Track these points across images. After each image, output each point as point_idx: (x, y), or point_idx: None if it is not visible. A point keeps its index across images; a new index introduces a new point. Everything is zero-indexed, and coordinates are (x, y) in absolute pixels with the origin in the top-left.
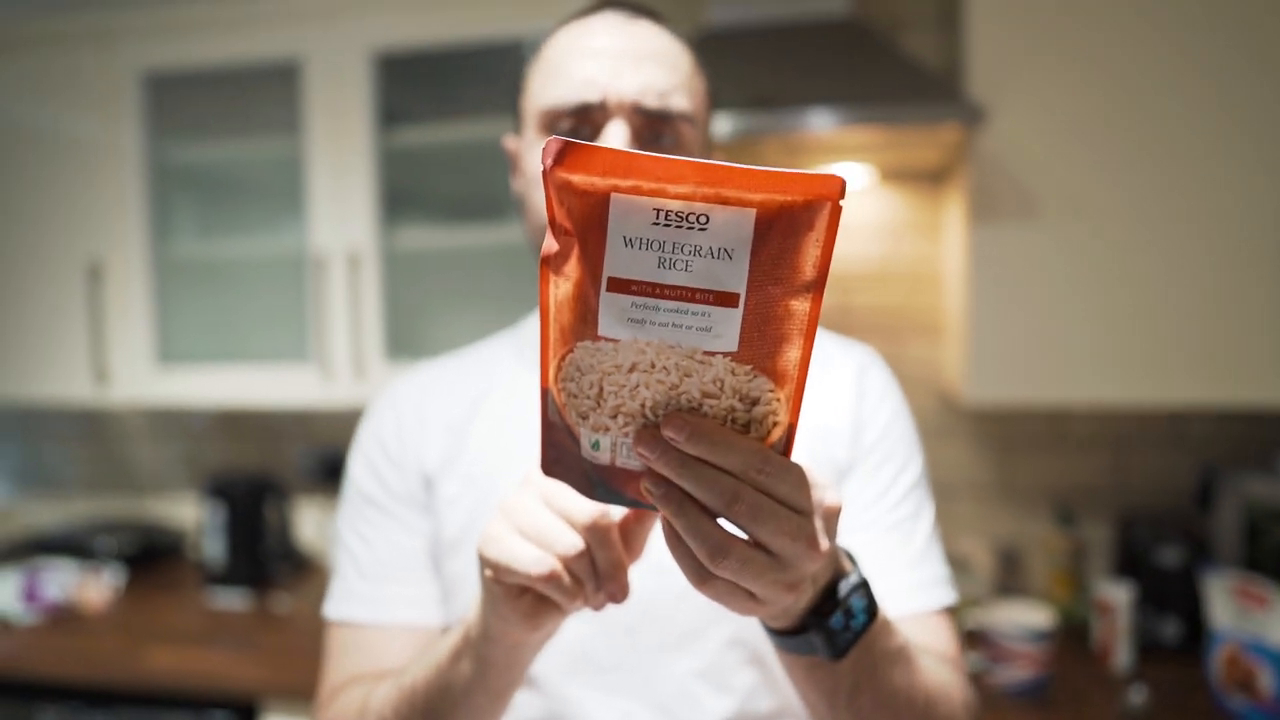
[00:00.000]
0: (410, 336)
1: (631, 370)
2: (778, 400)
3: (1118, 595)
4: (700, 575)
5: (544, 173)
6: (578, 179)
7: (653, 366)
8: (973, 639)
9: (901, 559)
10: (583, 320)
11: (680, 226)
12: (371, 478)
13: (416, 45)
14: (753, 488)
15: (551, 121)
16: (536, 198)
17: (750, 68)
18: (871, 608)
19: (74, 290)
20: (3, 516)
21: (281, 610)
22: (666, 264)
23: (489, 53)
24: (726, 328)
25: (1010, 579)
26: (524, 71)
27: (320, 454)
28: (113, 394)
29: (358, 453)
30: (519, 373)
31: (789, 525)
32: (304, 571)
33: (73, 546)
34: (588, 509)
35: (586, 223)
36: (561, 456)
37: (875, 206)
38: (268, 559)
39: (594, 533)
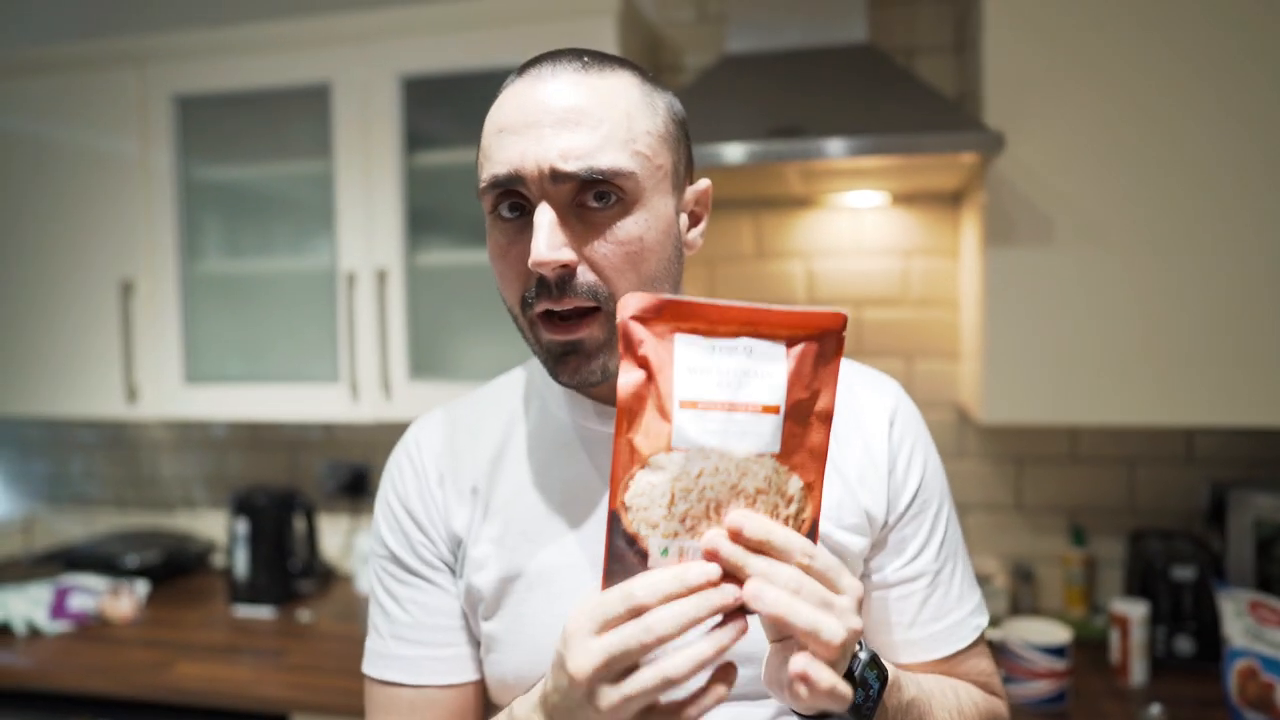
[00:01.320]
0: (432, 357)
1: (699, 475)
2: (808, 496)
3: (1133, 611)
4: (774, 684)
5: (621, 322)
6: (652, 326)
7: (716, 470)
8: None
9: (947, 601)
10: (656, 438)
11: (731, 355)
12: (399, 541)
13: (442, 71)
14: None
15: (492, 202)
16: (497, 274)
17: (770, 93)
18: (882, 675)
19: (106, 308)
20: (32, 530)
21: (307, 624)
22: (723, 386)
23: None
24: (771, 433)
25: (1025, 595)
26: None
27: (344, 468)
28: (143, 411)
29: (384, 512)
30: (533, 422)
31: (834, 605)
32: (329, 585)
33: (100, 560)
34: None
35: (659, 359)
36: (623, 571)
37: (890, 227)
38: (293, 573)
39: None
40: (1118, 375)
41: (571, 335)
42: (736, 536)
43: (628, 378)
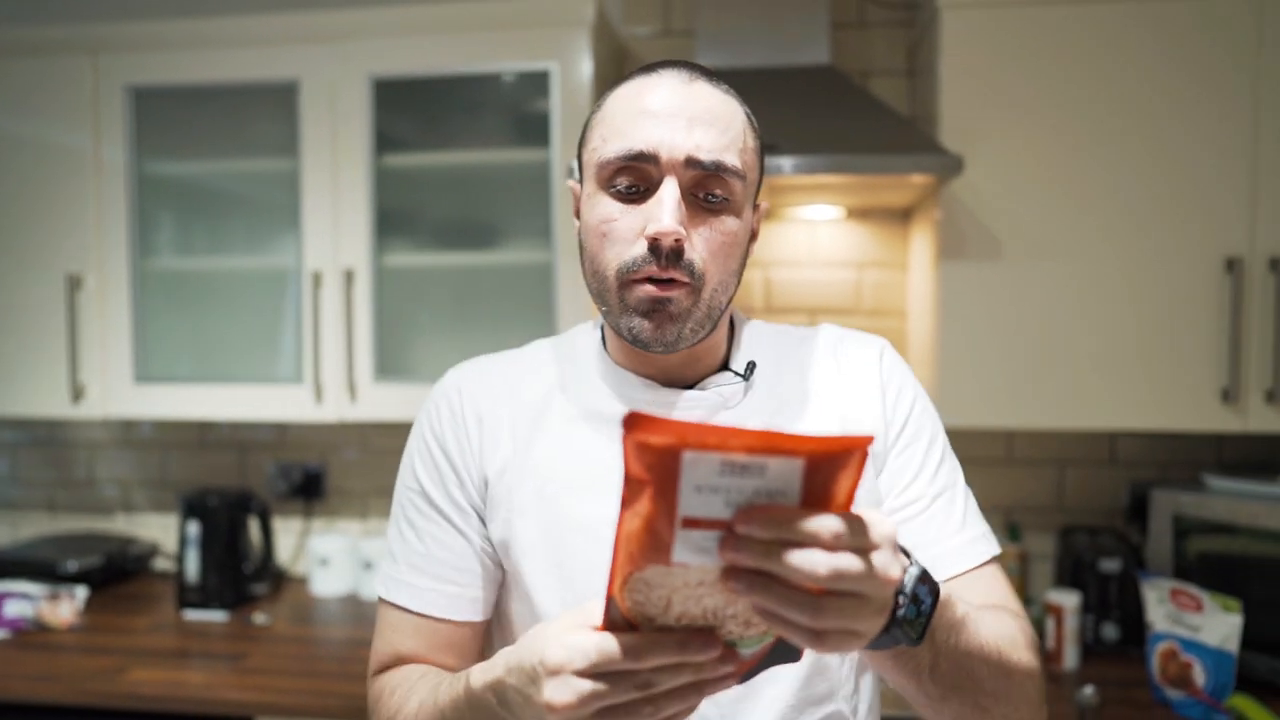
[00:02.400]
0: (398, 358)
1: (699, 585)
2: None
3: (1067, 601)
4: (811, 637)
5: (623, 436)
6: (654, 440)
7: (715, 584)
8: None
9: (949, 525)
10: (655, 549)
11: (742, 475)
12: (432, 478)
13: (414, 74)
14: (828, 549)
15: (610, 175)
16: (593, 244)
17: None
18: (934, 590)
19: (51, 303)
20: None
21: (263, 627)
22: (732, 504)
23: (481, 85)
24: None
25: None
26: (587, 121)
27: (296, 469)
28: (89, 411)
29: (419, 448)
30: (575, 391)
31: (868, 568)
32: (282, 588)
33: (34, 565)
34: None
35: (662, 474)
36: None
37: (845, 240)
38: (246, 576)
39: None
40: (1051, 382)
41: (666, 293)
42: (746, 536)
43: (632, 485)
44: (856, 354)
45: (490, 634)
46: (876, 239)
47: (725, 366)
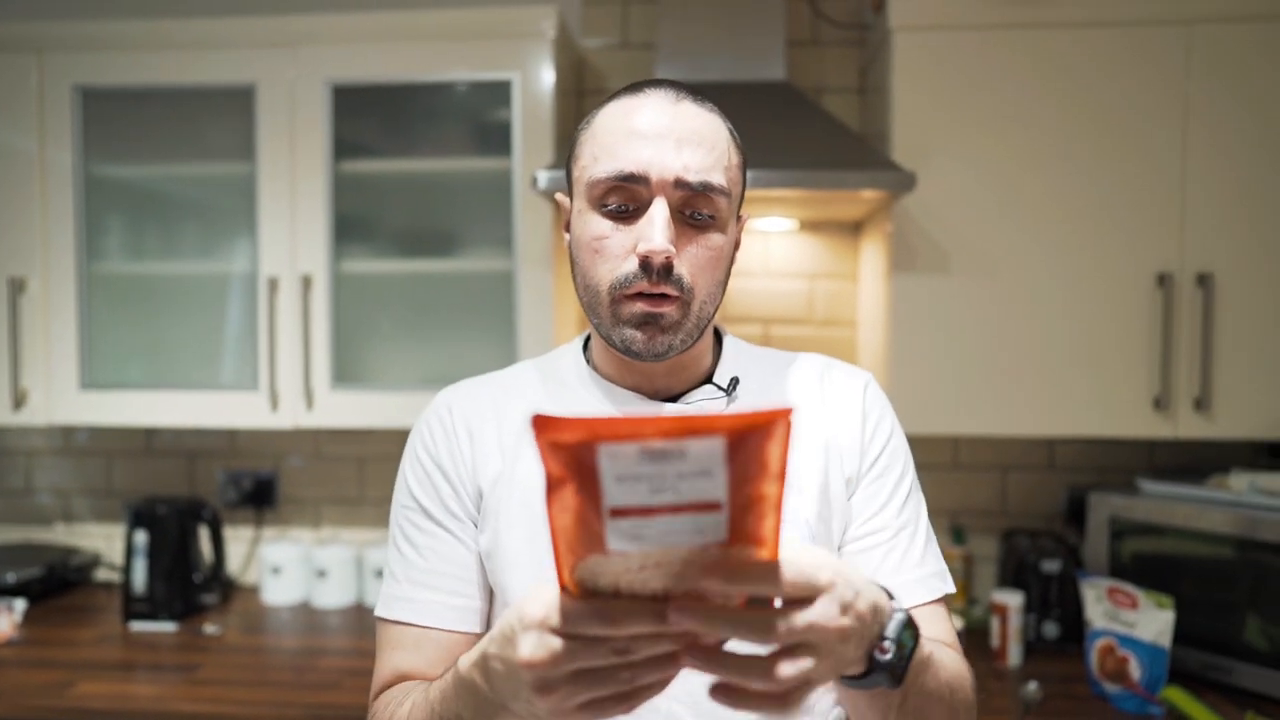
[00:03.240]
0: (355, 365)
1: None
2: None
3: (1012, 600)
4: (777, 701)
5: (534, 438)
6: (566, 438)
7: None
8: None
9: (909, 559)
10: (590, 540)
11: (663, 460)
12: (428, 493)
13: (375, 80)
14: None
15: (601, 194)
16: (585, 260)
17: None
18: (916, 634)
19: None
20: None
21: (213, 637)
22: (657, 489)
23: (442, 93)
24: (715, 526)
25: None
26: (576, 138)
27: (247, 477)
28: (32, 418)
29: (413, 466)
30: (555, 405)
31: (813, 618)
32: (232, 597)
33: None
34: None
35: (580, 470)
36: None
37: (797, 251)
38: (195, 586)
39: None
40: (994, 391)
41: (657, 308)
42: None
43: (554, 484)
44: (843, 382)
45: None
46: (828, 251)
47: (709, 379)
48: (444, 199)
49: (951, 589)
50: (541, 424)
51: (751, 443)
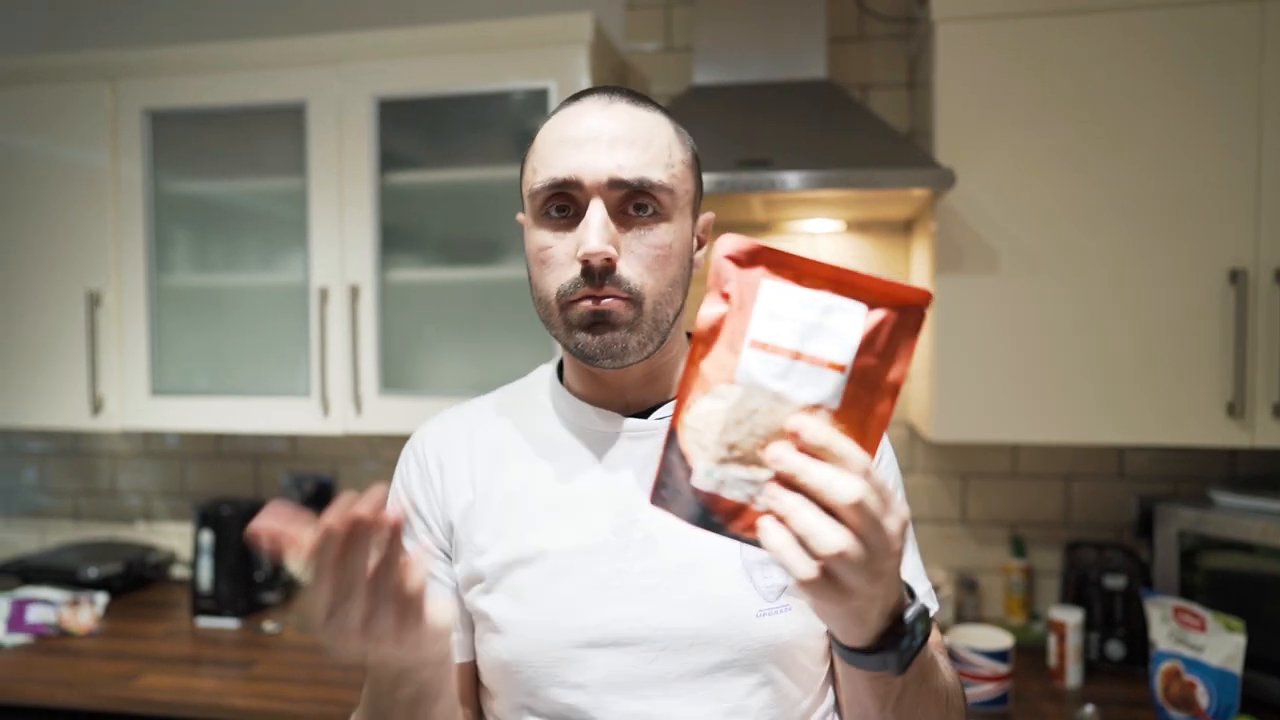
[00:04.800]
0: (402, 372)
1: (754, 412)
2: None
3: (1069, 617)
4: (806, 569)
5: (715, 259)
6: (742, 266)
7: (771, 410)
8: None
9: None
10: (722, 369)
11: (810, 306)
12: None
13: (417, 93)
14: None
15: (541, 204)
16: (534, 272)
17: (735, 124)
18: (927, 628)
19: (73, 319)
20: None
21: (272, 635)
22: (796, 335)
23: (482, 104)
24: (833, 387)
25: (969, 604)
26: (525, 155)
27: (308, 480)
28: (108, 423)
29: (392, 499)
30: (532, 429)
31: (889, 519)
32: (293, 596)
33: (57, 571)
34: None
35: (742, 298)
36: (670, 487)
37: (846, 252)
38: (257, 585)
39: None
40: (1055, 397)
41: (601, 306)
42: (796, 439)
43: (709, 309)
44: None
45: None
46: (878, 251)
47: None
48: (487, 207)
49: (937, 607)
50: (726, 242)
51: (888, 319)
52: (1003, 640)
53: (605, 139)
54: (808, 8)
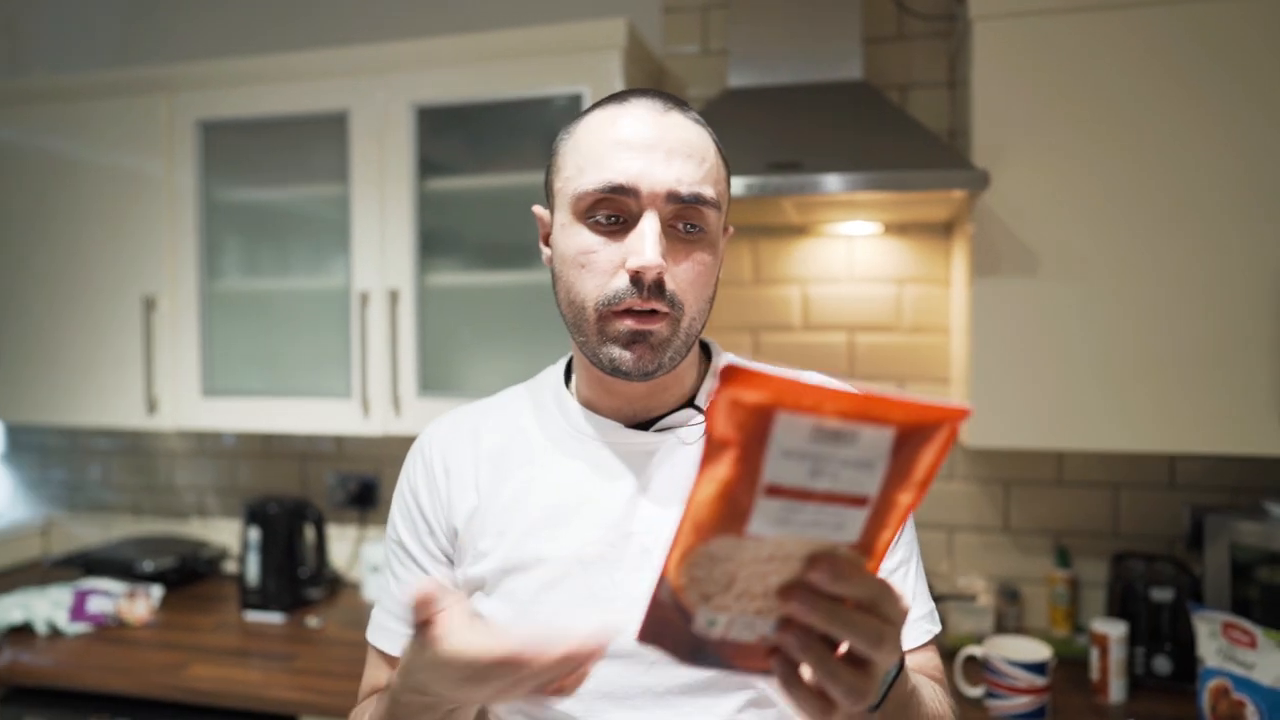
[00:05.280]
0: (440, 374)
1: (769, 560)
2: (871, 568)
3: (1112, 630)
4: (824, 712)
5: (717, 390)
6: (749, 397)
7: (788, 557)
8: (975, 670)
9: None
10: (728, 519)
11: (833, 442)
12: (408, 529)
13: (454, 100)
14: (878, 618)
15: (588, 206)
16: (570, 275)
17: (768, 127)
18: (901, 662)
19: (129, 322)
20: (50, 534)
21: (315, 629)
22: (817, 473)
23: (521, 110)
24: (854, 523)
25: (1010, 614)
26: (556, 149)
27: (353, 479)
28: (162, 422)
29: (399, 500)
30: (536, 435)
31: (895, 642)
32: (336, 592)
33: (117, 564)
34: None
35: (751, 435)
36: (663, 630)
37: (883, 255)
38: (302, 580)
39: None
40: (1101, 403)
41: (646, 326)
42: (815, 585)
43: (714, 447)
44: None
45: None
46: (917, 254)
47: (690, 400)
48: (523, 212)
49: (938, 628)
50: (729, 374)
51: (915, 441)
52: (1040, 652)
53: (663, 149)
54: (843, 9)
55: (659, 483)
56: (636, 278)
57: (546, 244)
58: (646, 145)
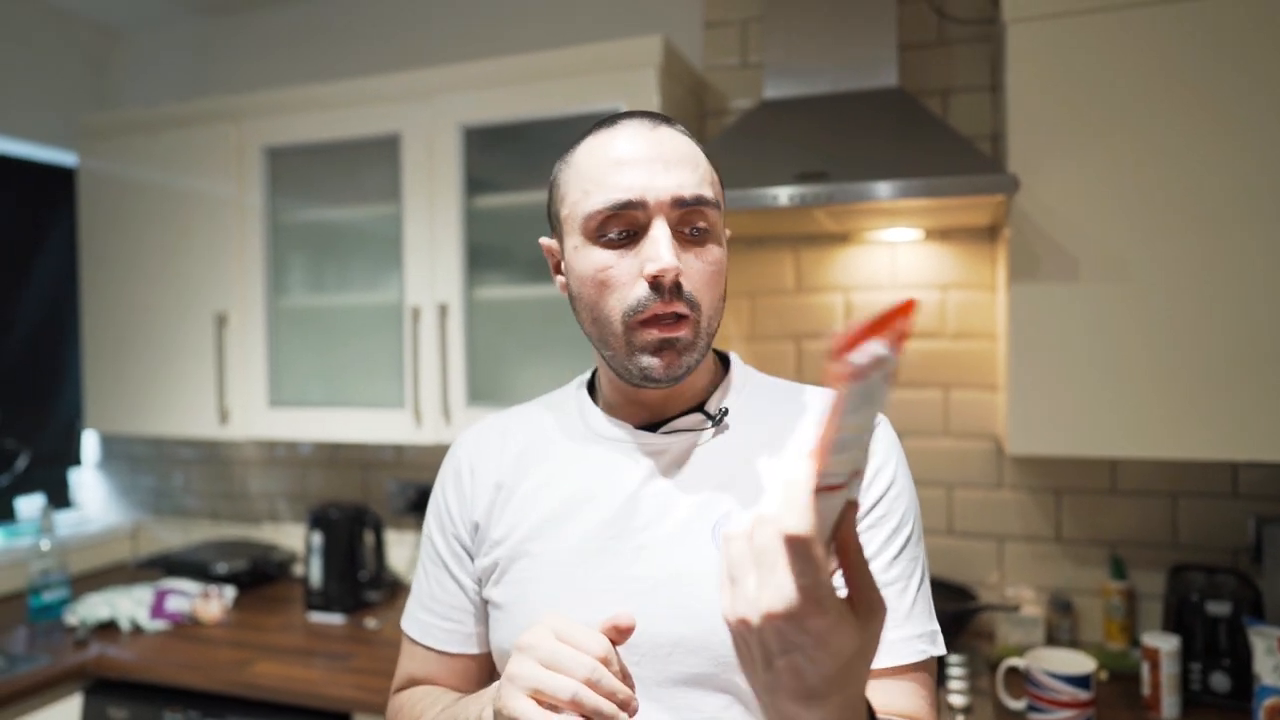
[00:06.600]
0: (488, 384)
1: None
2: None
3: (1164, 644)
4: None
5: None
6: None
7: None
8: (1017, 682)
9: (893, 617)
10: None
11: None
12: (438, 526)
13: (498, 120)
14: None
15: (598, 225)
16: (591, 294)
17: (800, 138)
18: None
19: (203, 338)
20: (137, 537)
21: (373, 631)
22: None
23: (562, 127)
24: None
25: (1063, 626)
26: (555, 179)
27: (411, 487)
28: (232, 432)
29: (433, 499)
30: (556, 436)
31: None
32: (395, 595)
33: (194, 566)
34: (597, 642)
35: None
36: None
37: (926, 261)
38: (362, 583)
39: (603, 659)
40: (1153, 408)
41: (672, 333)
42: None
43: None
44: None
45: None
46: (960, 260)
47: (700, 405)
48: None
49: (940, 651)
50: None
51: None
52: (1084, 665)
53: (660, 160)
54: (878, 17)
55: (663, 482)
56: (656, 282)
57: (559, 272)
58: (645, 159)
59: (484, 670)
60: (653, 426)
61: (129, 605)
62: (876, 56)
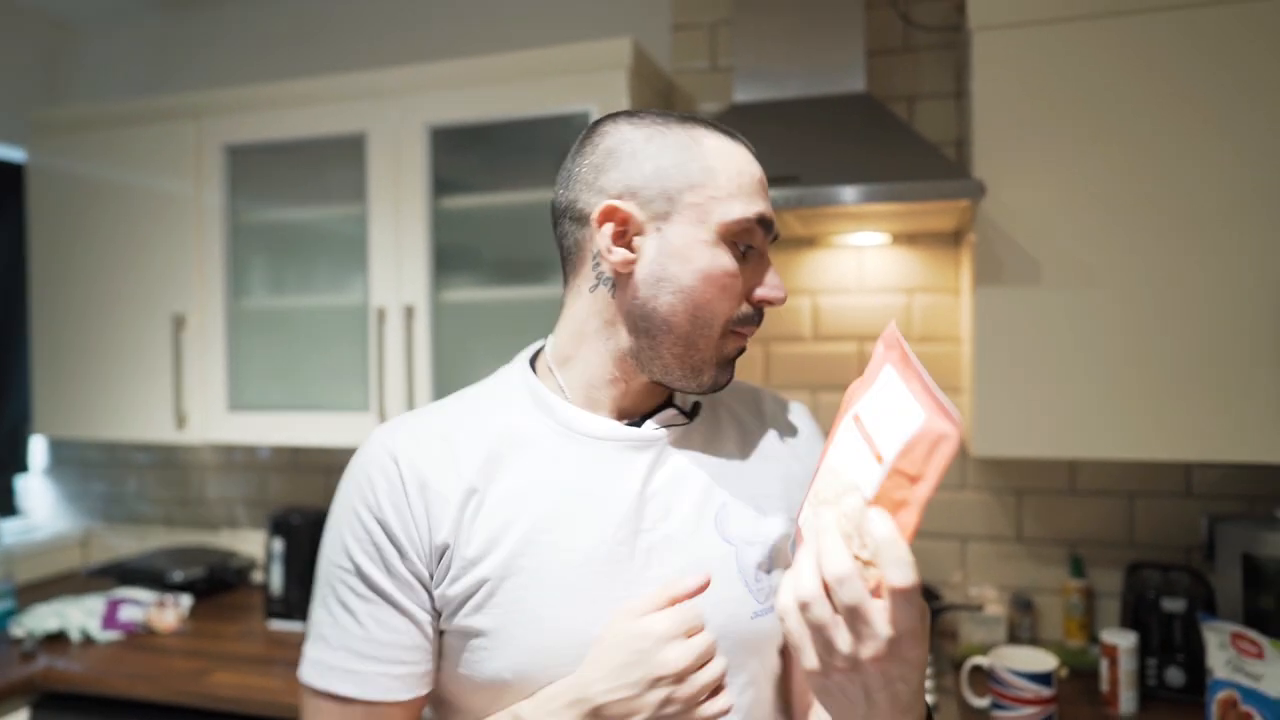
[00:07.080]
0: (455, 388)
1: (832, 474)
2: None
3: (1121, 641)
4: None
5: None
6: (891, 349)
7: (836, 479)
8: (981, 680)
9: None
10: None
11: (895, 394)
12: (369, 556)
13: (466, 121)
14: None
15: (736, 232)
16: (708, 293)
17: (770, 142)
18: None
19: (159, 340)
20: (89, 544)
21: None
22: (879, 417)
23: (530, 129)
24: (874, 478)
25: (1024, 624)
26: (673, 157)
27: None
28: (190, 437)
29: (350, 524)
30: (522, 436)
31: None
32: None
33: (149, 574)
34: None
35: (872, 372)
36: None
37: (892, 265)
38: None
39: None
40: (1112, 411)
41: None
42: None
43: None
44: (797, 414)
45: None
46: (926, 264)
47: (670, 400)
48: (535, 228)
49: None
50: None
51: (942, 435)
52: (1046, 662)
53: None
54: (846, 23)
55: (660, 479)
56: (762, 306)
57: (623, 244)
58: (764, 183)
59: (420, 710)
60: (626, 421)
61: (79, 615)
62: (844, 62)
